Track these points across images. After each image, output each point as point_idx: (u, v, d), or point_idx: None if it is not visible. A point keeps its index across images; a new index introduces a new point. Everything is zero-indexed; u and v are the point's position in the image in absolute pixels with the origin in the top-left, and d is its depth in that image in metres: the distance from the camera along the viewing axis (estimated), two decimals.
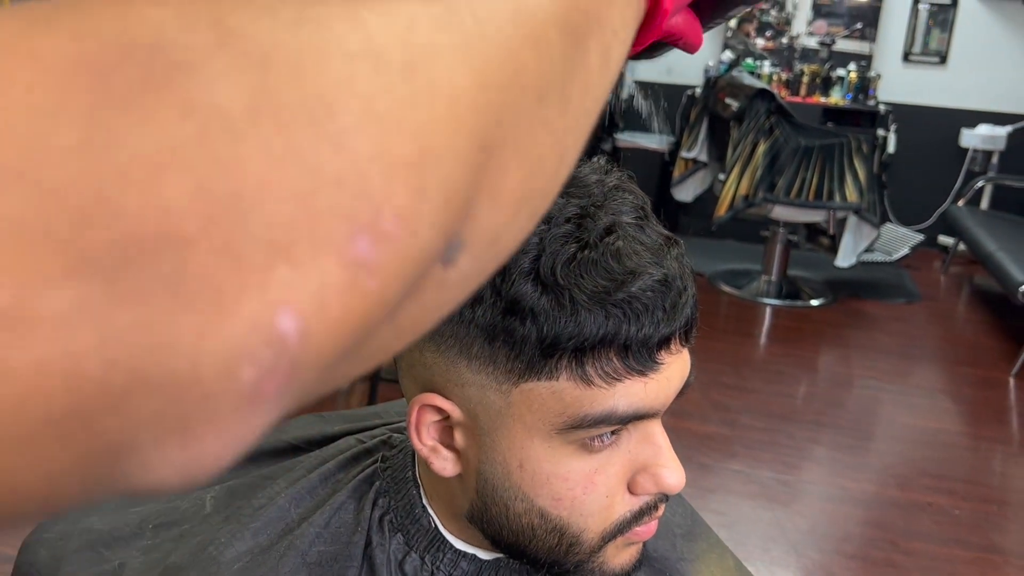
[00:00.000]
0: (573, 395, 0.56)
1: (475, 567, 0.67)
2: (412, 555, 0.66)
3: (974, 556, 2.89)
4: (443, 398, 0.60)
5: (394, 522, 0.67)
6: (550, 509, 0.59)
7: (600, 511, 0.60)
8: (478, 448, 0.60)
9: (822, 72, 6.17)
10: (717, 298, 5.22)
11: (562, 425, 0.57)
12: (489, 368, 0.57)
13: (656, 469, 0.60)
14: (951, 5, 6.07)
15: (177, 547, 0.69)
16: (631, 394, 0.57)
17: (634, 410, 0.57)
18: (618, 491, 0.61)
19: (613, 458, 0.60)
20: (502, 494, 0.60)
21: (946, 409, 4.07)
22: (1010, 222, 5.37)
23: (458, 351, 0.58)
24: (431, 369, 0.60)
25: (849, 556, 2.85)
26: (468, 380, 0.58)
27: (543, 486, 0.59)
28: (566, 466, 0.58)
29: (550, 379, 0.56)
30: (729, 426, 3.59)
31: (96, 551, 0.71)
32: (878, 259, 5.36)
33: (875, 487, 3.28)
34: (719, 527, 2.89)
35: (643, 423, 0.60)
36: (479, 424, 0.59)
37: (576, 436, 0.57)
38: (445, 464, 0.62)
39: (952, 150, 6.22)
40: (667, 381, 0.58)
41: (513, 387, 0.57)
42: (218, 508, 0.72)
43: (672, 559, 0.79)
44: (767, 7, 6.28)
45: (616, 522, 0.61)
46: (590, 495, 0.59)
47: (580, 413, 0.56)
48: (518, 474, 0.59)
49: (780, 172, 4.76)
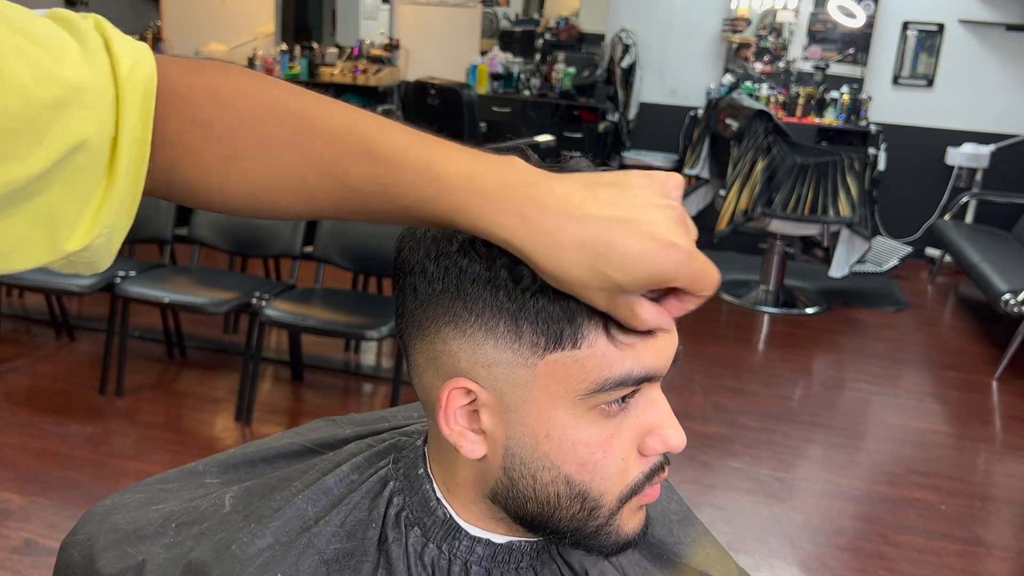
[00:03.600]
0: (594, 361, 0.58)
1: (490, 551, 0.68)
2: (430, 546, 0.67)
3: (959, 548, 2.87)
4: (471, 380, 0.61)
5: (410, 517, 0.67)
6: (575, 475, 0.61)
7: (617, 473, 0.62)
8: (505, 425, 0.61)
9: (817, 94, 6.15)
10: (718, 306, 5.21)
11: (585, 391, 0.58)
12: (515, 346, 0.58)
13: (662, 430, 0.63)
14: (938, 32, 6.05)
15: (198, 544, 0.69)
16: (643, 357, 0.59)
17: (645, 372, 0.59)
18: (631, 453, 0.63)
19: (625, 422, 0.62)
20: (530, 465, 0.61)
21: (933, 410, 4.04)
22: (993, 235, 5.34)
23: (484, 333, 0.59)
24: (456, 355, 0.60)
25: (842, 548, 2.84)
26: (495, 359, 0.59)
27: (569, 452, 0.60)
28: (587, 432, 0.60)
29: (573, 348, 0.57)
30: (729, 426, 3.58)
31: (121, 548, 0.71)
32: (869, 270, 5.33)
33: (866, 484, 3.26)
34: (719, 521, 2.88)
35: (648, 389, 0.62)
36: (506, 401, 0.60)
37: (596, 400, 0.59)
38: (474, 447, 0.63)
39: (939, 168, 6.19)
40: (666, 346, 0.61)
41: (539, 360, 0.58)
42: (237, 508, 0.72)
43: (669, 543, 0.80)
44: (765, 34, 6.28)
45: (631, 483, 0.63)
46: (608, 458, 0.61)
47: (602, 377, 0.58)
48: (546, 444, 0.60)
49: (777, 188, 4.75)
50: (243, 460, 0.79)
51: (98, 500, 0.77)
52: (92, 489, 2.87)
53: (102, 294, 3.50)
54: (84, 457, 3.07)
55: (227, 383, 3.72)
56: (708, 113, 5.56)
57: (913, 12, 6.07)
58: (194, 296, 3.39)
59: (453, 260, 0.58)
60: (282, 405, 3.66)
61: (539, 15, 7.05)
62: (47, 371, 3.77)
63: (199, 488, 0.77)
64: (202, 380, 3.79)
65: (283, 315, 3.27)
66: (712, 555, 0.82)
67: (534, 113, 6.52)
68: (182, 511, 0.73)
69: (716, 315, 5.09)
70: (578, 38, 6.89)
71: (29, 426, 3.26)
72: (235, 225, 3.70)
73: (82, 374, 3.72)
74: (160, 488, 0.77)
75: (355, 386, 3.96)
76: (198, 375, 3.85)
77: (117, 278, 3.44)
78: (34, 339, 4.12)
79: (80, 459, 3.05)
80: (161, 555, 0.70)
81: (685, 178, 5.46)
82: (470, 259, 0.57)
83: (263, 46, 7.15)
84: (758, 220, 4.82)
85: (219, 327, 4.25)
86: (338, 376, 3.98)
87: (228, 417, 3.45)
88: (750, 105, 5.00)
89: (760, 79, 6.33)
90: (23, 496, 2.80)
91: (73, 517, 2.56)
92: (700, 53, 6.46)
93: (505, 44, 6.94)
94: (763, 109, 4.90)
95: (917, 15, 6.07)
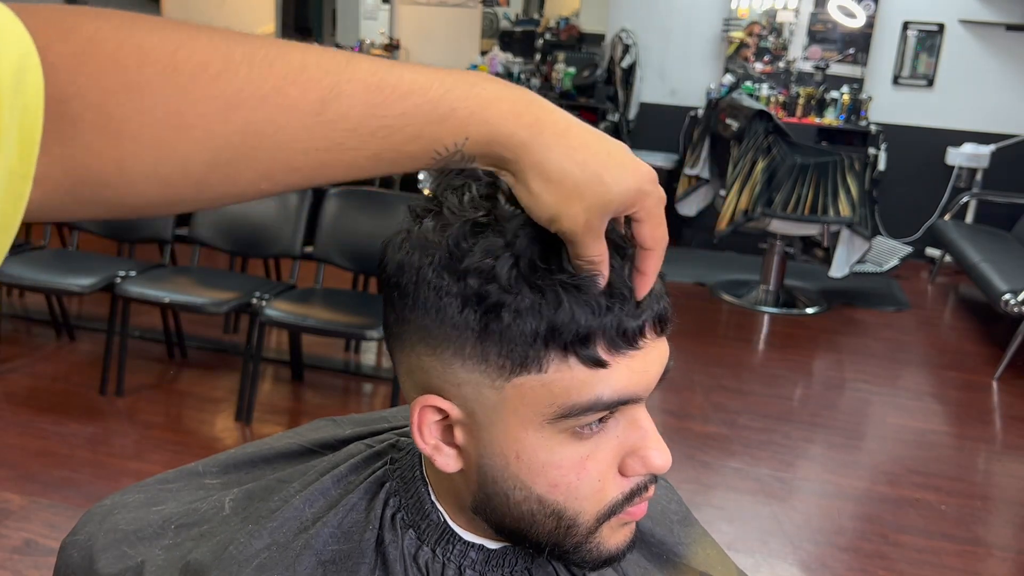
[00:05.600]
0: (561, 386, 0.56)
1: (484, 556, 0.67)
2: (424, 549, 0.66)
3: (959, 548, 2.87)
4: (442, 398, 0.60)
5: (405, 519, 0.67)
6: (547, 495, 0.60)
7: (593, 494, 0.60)
8: (477, 443, 0.60)
9: (817, 94, 6.15)
10: (718, 306, 5.21)
11: (552, 415, 0.57)
12: (482, 366, 0.57)
13: (644, 452, 0.60)
14: (938, 32, 6.05)
15: (198, 545, 0.69)
16: (614, 382, 0.57)
17: (618, 396, 0.57)
18: (609, 474, 0.61)
19: (602, 444, 0.60)
20: (502, 484, 0.60)
21: (933, 410, 4.04)
22: (993, 235, 5.34)
23: (452, 352, 0.58)
24: (428, 372, 0.60)
25: (842, 548, 2.83)
26: (463, 379, 0.58)
27: (539, 474, 0.59)
28: (559, 454, 0.59)
29: (539, 372, 0.56)
30: (729, 426, 3.58)
31: (121, 549, 0.71)
32: (869, 270, 5.33)
33: (866, 484, 3.26)
34: (720, 521, 2.88)
35: (628, 409, 0.60)
36: (476, 420, 0.59)
37: (566, 425, 0.57)
38: (448, 461, 0.62)
39: (939, 168, 6.19)
40: (646, 369, 0.58)
41: (506, 382, 0.57)
42: (236, 510, 0.71)
43: (670, 543, 0.80)
44: (765, 33, 6.28)
45: (609, 504, 0.61)
46: (583, 480, 0.59)
47: (569, 403, 0.56)
48: (516, 464, 0.59)
49: (777, 188, 4.75)
50: (243, 460, 0.79)
51: (98, 500, 0.77)
52: (92, 489, 2.87)
53: (102, 294, 3.49)
54: (84, 457, 3.07)
55: (227, 383, 3.72)
56: (708, 113, 5.56)
57: (913, 12, 6.07)
58: (194, 296, 3.39)
59: (424, 275, 0.57)
60: (282, 405, 3.66)
61: (539, 15, 7.06)
62: (47, 371, 3.77)
63: (199, 489, 0.77)
64: (202, 380, 3.79)
65: (283, 315, 3.27)
66: (712, 556, 0.82)
67: None
68: (182, 513, 0.73)
69: (716, 315, 5.09)
70: (578, 38, 6.89)
71: (29, 426, 3.26)
72: (235, 225, 3.70)
73: (82, 374, 3.72)
74: (160, 488, 0.77)
75: (355, 386, 3.96)
76: (198, 375, 3.85)
77: (117, 278, 3.44)
78: (34, 339, 4.12)
79: (80, 459, 3.05)
80: (160, 556, 0.70)
81: (685, 178, 5.49)
82: (438, 274, 0.56)
83: None
84: (758, 220, 4.82)
85: (219, 327, 4.25)
86: (338, 376, 3.98)
87: (228, 417, 3.45)
88: (750, 105, 5.00)
89: (760, 79, 6.33)
90: (23, 496, 2.80)
91: (73, 517, 2.56)
92: (700, 53, 6.46)
93: (505, 44, 6.95)
94: (763, 109, 4.90)
95: (917, 15, 6.07)
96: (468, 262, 0.55)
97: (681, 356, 4.39)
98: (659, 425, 0.63)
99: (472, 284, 0.55)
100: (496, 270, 0.55)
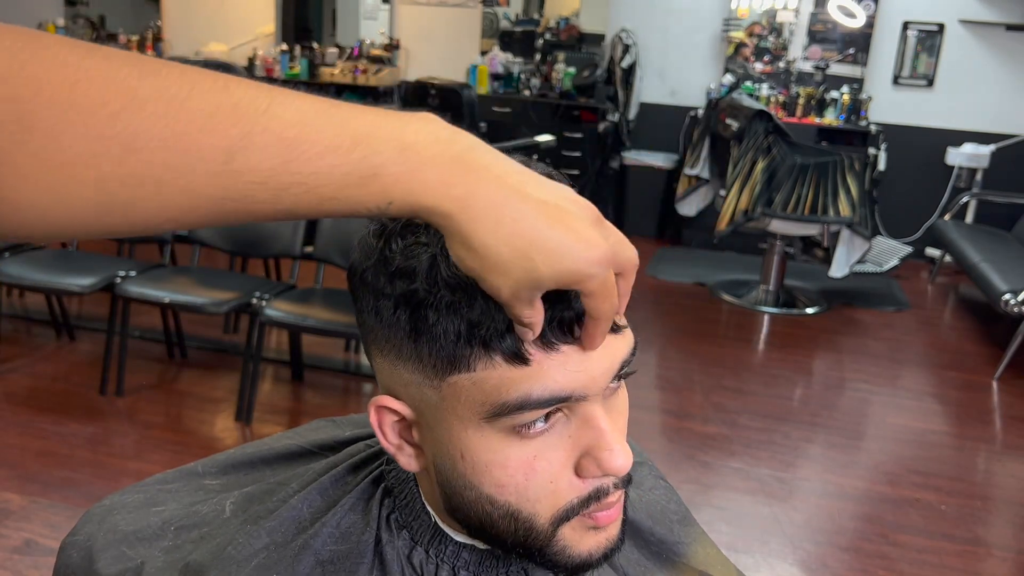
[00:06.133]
0: (491, 384, 0.55)
1: (477, 556, 0.66)
2: (418, 549, 0.66)
3: (959, 548, 2.87)
4: (394, 399, 0.60)
5: (399, 520, 0.67)
6: (496, 496, 0.58)
7: (547, 496, 0.58)
8: (429, 443, 0.60)
9: (817, 94, 6.15)
10: (718, 306, 5.21)
11: (486, 413, 0.56)
12: (419, 367, 0.57)
13: (598, 452, 0.57)
14: (938, 32, 6.05)
15: (197, 547, 0.69)
16: (547, 379, 0.54)
17: (550, 394, 0.55)
18: (562, 476, 0.58)
19: (552, 443, 0.57)
20: (454, 484, 0.60)
21: (933, 410, 4.04)
22: (993, 235, 5.34)
23: (395, 354, 0.58)
24: (382, 373, 0.61)
25: (842, 548, 2.83)
26: (408, 380, 0.58)
27: (484, 474, 0.58)
28: (503, 453, 0.57)
29: (468, 371, 0.55)
30: (729, 426, 3.58)
31: (120, 550, 0.71)
32: (869, 270, 5.33)
33: (866, 484, 3.26)
34: (719, 521, 2.88)
35: (580, 407, 0.57)
36: (426, 420, 0.59)
37: (503, 423, 0.56)
38: (409, 460, 0.62)
39: (939, 168, 6.19)
40: (584, 367, 0.56)
41: (442, 382, 0.56)
42: (236, 512, 0.71)
43: (670, 542, 0.80)
44: (765, 33, 6.28)
45: (564, 507, 0.59)
46: (532, 481, 0.58)
47: (500, 400, 0.55)
48: (461, 464, 0.58)
49: (777, 188, 4.75)
50: (243, 461, 0.79)
51: (98, 500, 0.77)
52: (92, 489, 2.87)
53: (102, 294, 3.49)
54: (84, 457, 3.07)
55: (227, 383, 3.72)
56: (708, 113, 5.56)
57: (913, 12, 6.07)
58: (194, 296, 3.39)
59: (366, 278, 0.58)
60: (282, 405, 3.66)
61: (539, 15, 7.05)
62: (47, 371, 3.77)
63: (198, 490, 0.77)
64: (202, 380, 3.79)
65: (283, 315, 3.27)
66: (712, 555, 0.82)
67: (534, 113, 6.52)
68: (182, 515, 0.73)
69: (716, 315, 5.09)
70: (578, 38, 6.89)
71: (29, 426, 3.26)
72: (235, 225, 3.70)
73: (82, 374, 3.72)
74: (159, 489, 0.77)
75: (355, 386, 3.96)
76: (198, 375, 3.85)
77: (117, 278, 3.44)
78: (34, 339, 4.12)
79: (80, 459, 3.05)
80: (160, 559, 0.70)
81: (685, 178, 5.49)
82: (375, 277, 0.57)
83: (263, 46, 7.15)
84: (758, 220, 4.82)
85: (219, 327, 4.25)
86: (338, 376, 3.98)
87: (228, 417, 3.45)
88: (750, 105, 5.00)
89: (760, 79, 6.33)
90: (23, 496, 2.80)
91: (73, 517, 2.56)
92: (700, 53, 6.46)
93: (505, 44, 6.94)
94: (763, 109, 4.90)
95: (917, 15, 6.07)
96: (396, 264, 0.56)
97: (681, 356, 4.39)
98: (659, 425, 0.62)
99: (400, 285, 0.56)
100: (416, 270, 0.55)
